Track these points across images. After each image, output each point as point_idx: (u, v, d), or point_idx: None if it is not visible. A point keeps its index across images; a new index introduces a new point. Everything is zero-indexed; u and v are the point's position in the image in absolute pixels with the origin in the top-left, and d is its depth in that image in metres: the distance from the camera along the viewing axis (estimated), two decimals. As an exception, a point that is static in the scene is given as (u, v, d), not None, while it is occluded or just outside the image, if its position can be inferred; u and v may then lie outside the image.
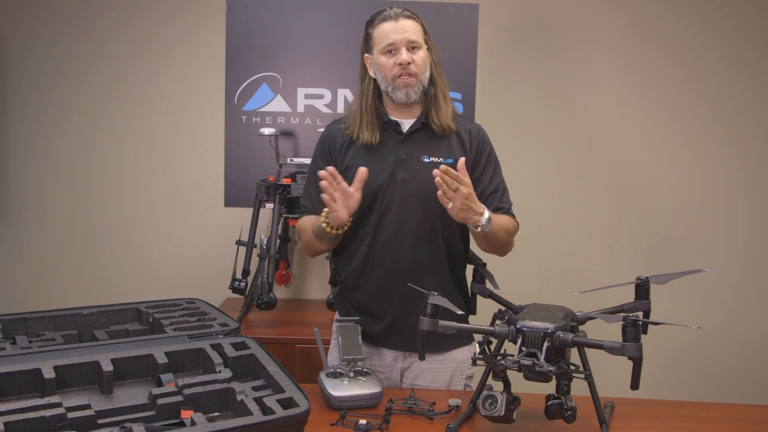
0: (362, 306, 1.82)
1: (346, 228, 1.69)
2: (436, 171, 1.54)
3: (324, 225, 1.68)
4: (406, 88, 1.73)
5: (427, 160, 1.76)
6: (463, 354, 1.83)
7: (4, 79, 2.95)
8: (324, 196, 1.62)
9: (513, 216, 1.83)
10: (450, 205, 1.58)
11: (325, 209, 1.68)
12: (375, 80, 1.79)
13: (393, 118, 1.79)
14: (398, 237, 1.75)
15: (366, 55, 1.79)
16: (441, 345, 1.80)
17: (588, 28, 2.98)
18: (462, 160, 1.59)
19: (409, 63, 1.71)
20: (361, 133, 1.77)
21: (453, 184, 1.55)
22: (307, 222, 1.81)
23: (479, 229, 1.63)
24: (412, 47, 1.72)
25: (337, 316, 1.93)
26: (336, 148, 1.81)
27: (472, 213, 1.60)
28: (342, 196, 1.62)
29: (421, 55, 1.74)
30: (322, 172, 1.60)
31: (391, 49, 1.72)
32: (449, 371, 1.82)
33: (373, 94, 1.79)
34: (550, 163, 3.04)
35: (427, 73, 1.76)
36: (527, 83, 3.00)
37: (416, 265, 1.75)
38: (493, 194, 1.81)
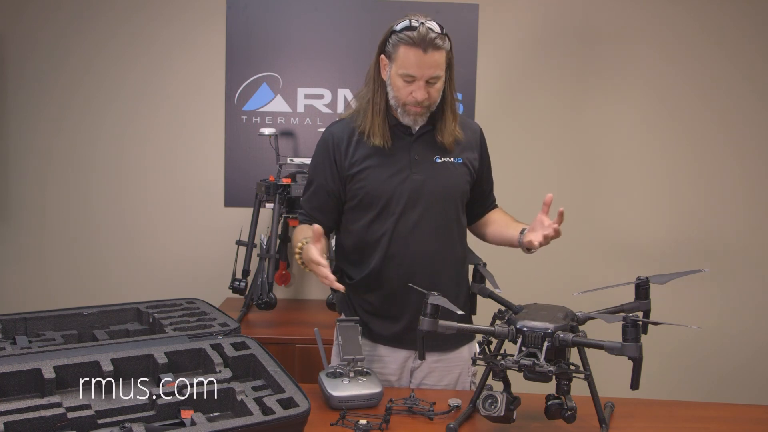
0: (377, 309, 1.80)
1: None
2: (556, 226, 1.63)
3: (297, 257, 1.71)
4: (415, 116, 1.72)
5: (440, 161, 1.76)
6: (471, 350, 1.85)
7: (4, 79, 2.95)
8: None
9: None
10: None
11: (303, 239, 1.68)
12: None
13: (402, 121, 1.76)
14: (415, 238, 1.74)
15: (383, 56, 1.71)
16: (449, 343, 1.81)
17: (587, 28, 2.98)
18: (549, 196, 1.67)
19: (424, 99, 1.67)
20: (372, 135, 1.73)
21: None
22: (299, 235, 1.80)
23: (533, 250, 1.73)
24: (432, 81, 1.67)
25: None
26: (341, 151, 1.76)
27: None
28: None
29: (438, 86, 1.69)
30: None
31: (410, 80, 1.66)
32: (457, 370, 1.83)
33: (384, 97, 1.74)
34: (550, 163, 3.04)
35: (439, 97, 1.72)
36: (527, 83, 3.00)
37: (433, 266, 1.74)
38: (490, 192, 1.94)
